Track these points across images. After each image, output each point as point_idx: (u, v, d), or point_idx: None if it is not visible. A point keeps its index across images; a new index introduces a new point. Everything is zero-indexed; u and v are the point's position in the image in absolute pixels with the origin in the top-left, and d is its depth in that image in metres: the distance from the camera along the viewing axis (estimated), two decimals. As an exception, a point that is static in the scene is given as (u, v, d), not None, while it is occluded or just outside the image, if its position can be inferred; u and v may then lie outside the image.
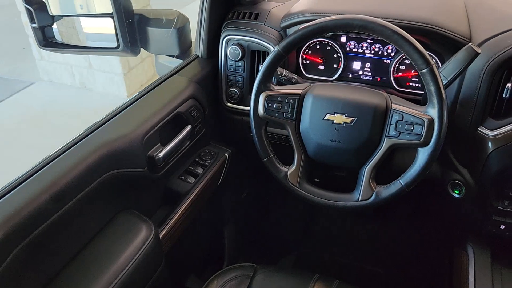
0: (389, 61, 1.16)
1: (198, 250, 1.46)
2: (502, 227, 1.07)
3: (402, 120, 0.92)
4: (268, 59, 0.99)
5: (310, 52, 1.23)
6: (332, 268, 1.68)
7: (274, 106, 1.00)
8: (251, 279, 1.10)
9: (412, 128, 0.91)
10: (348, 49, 1.20)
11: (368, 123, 0.94)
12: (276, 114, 1.01)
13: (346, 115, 0.95)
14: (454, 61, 0.94)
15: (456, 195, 1.11)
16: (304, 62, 1.24)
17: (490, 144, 1.01)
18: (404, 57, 1.15)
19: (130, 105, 1.07)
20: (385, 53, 1.16)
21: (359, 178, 0.98)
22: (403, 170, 0.95)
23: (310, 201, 1.01)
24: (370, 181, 0.96)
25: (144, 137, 1.00)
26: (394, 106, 0.94)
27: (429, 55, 1.10)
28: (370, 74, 1.21)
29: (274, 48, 1.02)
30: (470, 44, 0.92)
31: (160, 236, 1.04)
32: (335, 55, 1.21)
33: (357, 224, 1.72)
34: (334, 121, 0.96)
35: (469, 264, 1.08)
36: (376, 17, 0.94)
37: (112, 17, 1.26)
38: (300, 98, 1.00)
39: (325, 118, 0.97)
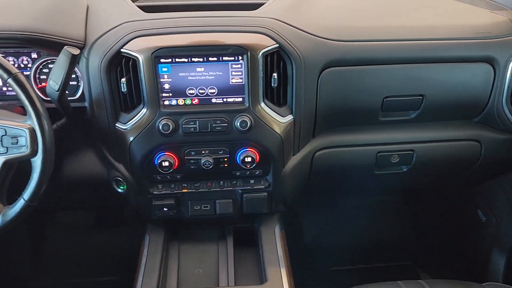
0: (28, 73, 1.11)
1: None
2: (166, 209, 1.14)
3: (6, 134, 0.88)
4: None
5: None
6: None
7: None
8: None
9: (17, 141, 0.87)
10: None
11: None
12: None
13: None
14: (57, 66, 0.93)
15: (121, 191, 1.15)
16: None
17: (129, 136, 1.05)
18: (41, 67, 1.11)
19: None
20: (22, 65, 1.10)
21: None
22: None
23: None
24: None
25: None
26: None
27: None
28: None
29: None
30: (65, 47, 0.92)
31: None
32: None
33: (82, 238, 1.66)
34: None
35: (144, 250, 1.13)
36: None
37: None
38: None
39: None
